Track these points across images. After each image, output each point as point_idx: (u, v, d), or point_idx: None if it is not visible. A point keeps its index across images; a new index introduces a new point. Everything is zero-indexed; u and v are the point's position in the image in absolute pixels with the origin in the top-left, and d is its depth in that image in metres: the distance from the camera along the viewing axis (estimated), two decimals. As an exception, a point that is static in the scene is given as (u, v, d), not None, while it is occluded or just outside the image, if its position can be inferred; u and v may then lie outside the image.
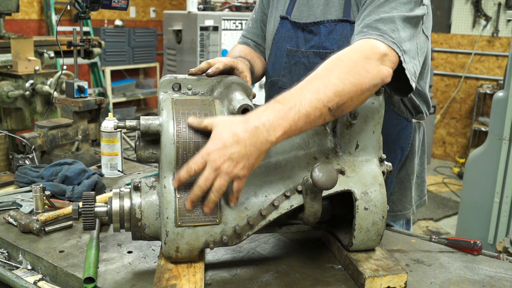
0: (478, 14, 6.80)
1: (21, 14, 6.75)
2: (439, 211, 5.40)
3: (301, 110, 1.09)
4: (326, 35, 1.60)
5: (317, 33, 1.62)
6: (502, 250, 2.92)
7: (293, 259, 1.35)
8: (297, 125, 1.10)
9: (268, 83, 1.81)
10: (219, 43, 5.35)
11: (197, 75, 1.35)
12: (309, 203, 1.19)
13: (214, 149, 1.08)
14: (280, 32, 1.73)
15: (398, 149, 1.72)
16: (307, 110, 1.10)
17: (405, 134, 1.71)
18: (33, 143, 1.94)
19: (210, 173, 1.09)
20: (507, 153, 3.40)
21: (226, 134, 1.09)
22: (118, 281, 1.21)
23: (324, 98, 1.11)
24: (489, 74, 6.94)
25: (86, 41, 2.09)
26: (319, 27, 1.62)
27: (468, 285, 1.26)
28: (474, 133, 6.93)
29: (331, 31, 1.59)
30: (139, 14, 8.60)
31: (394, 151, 1.71)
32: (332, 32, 1.59)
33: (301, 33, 1.67)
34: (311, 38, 1.64)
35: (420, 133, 1.79)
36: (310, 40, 1.64)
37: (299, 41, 1.67)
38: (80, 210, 1.21)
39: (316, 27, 1.62)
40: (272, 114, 1.09)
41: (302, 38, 1.66)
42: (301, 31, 1.67)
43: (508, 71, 3.42)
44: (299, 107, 1.09)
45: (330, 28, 1.59)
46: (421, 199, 1.89)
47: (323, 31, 1.61)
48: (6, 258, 1.39)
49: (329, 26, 1.60)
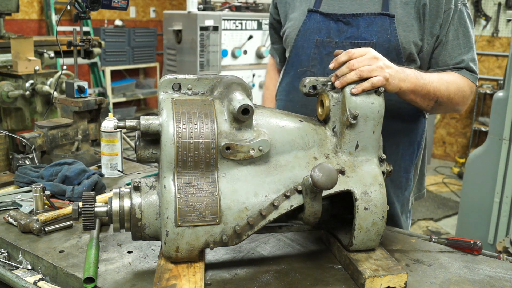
0: (478, 14, 6.80)
1: (21, 14, 6.74)
2: (439, 211, 5.40)
3: (426, 86, 1.52)
4: (366, 27, 1.67)
5: (354, 25, 1.68)
6: (502, 250, 2.92)
7: (293, 259, 1.35)
8: (418, 91, 1.50)
9: (292, 75, 1.84)
10: (219, 43, 5.35)
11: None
12: (309, 203, 1.19)
13: (376, 56, 1.37)
14: (308, 25, 1.76)
15: (415, 144, 1.80)
16: (429, 89, 1.52)
17: (421, 129, 1.81)
18: (33, 143, 1.94)
19: (370, 62, 1.34)
20: (507, 153, 3.40)
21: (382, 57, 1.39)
22: (118, 281, 1.21)
23: (442, 92, 1.57)
24: (489, 74, 6.94)
25: (86, 41, 2.09)
26: (358, 19, 1.68)
27: (468, 285, 1.26)
28: (474, 133, 6.93)
29: (371, 23, 1.66)
30: (139, 14, 8.60)
31: (412, 145, 1.79)
32: (371, 24, 1.66)
33: (334, 25, 1.72)
34: (346, 29, 1.70)
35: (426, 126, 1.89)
36: (345, 31, 1.70)
37: (332, 32, 1.72)
38: (80, 210, 1.21)
39: (354, 19, 1.69)
40: (413, 74, 1.48)
41: (335, 29, 1.72)
42: (334, 23, 1.72)
43: (508, 71, 3.42)
44: (428, 85, 1.52)
45: (369, 20, 1.67)
46: (420, 192, 1.96)
47: (362, 23, 1.67)
48: (6, 258, 1.39)
49: (368, 18, 1.67)
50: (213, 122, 1.19)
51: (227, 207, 1.17)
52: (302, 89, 1.33)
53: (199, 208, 1.15)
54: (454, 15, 1.65)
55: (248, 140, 1.20)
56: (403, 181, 1.79)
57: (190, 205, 1.15)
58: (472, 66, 1.69)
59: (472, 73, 1.69)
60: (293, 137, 1.26)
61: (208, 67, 5.34)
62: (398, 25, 1.64)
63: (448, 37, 1.67)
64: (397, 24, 1.64)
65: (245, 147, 1.19)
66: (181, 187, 1.15)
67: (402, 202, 1.80)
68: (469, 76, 1.68)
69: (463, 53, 1.68)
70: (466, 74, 1.68)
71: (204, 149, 1.17)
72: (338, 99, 1.29)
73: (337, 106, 1.29)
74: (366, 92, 1.26)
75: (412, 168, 1.81)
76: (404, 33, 1.64)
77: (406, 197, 1.82)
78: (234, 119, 1.20)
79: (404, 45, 1.64)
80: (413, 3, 1.64)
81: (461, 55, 1.68)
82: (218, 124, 1.19)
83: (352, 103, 1.25)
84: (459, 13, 1.66)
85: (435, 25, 1.65)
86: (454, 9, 1.65)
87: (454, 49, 1.68)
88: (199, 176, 1.18)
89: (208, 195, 1.17)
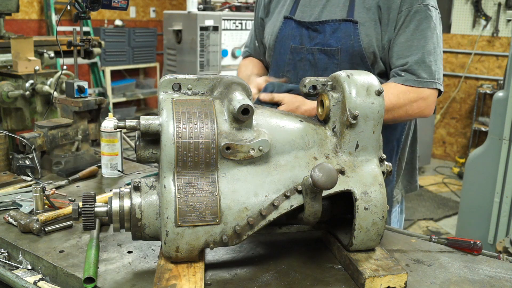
0: (478, 14, 6.80)
1: (21, 14, 6.74)
2: (439, 211, 5.41)
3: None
4: (331, 33, 1.71)
5: (321, 32, 1.74)
6: (502, 250, 2.92)
7: (293, 259, 1.35)
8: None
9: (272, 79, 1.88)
10: (219, 43, 5.35)
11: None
12: (309, 203, 1.19)
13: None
14: (284, 31, 1.83)
15: (394, 141, 1.82)
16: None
17: (400, 126, 1.82)
18: (33, 143, 1.94)
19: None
20: (507, 153, 3.40)
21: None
22: (118, 281, 1.21)
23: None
24: (489, 74, 6.94)
25: (86, 41, 2.09)
26: (324, 26, 1.73)
27: (468, 285, 1.26)
28: (474, 133, 6.93)
29: (335, 29, 1.71)
30: (139, 14, 8.60)
31: (390, 142, 1.80)
32: (336, 30, 1.71)
33: (305, 31, 1.78)
34: (315, 36, 1.75)
35: (412, 122, 1.90)
36: (314, 38, 1.76)
37: (304, 39, 1.78)
38: (80, 210, 1.21)
39: (321, 26, 1.74)
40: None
41: (306, 36, 1.78)
42: (306, 30, 1.78)
43: (508, 71, 3.42)
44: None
45: (335, 27, 1.71)
46: (411, 185, 1.99)
47: (328, 30, 1.72)
48: (6, 258, 1.39)
49: (333, 25, 1.71)
50: (213, 122, 1.19)
51: (227, 207, 1.17)
52: (302, 89, 1.34)
53: (199, 208, 1.15)
54: (408, 17, 1.65)
55: (248, 140, 1.20)
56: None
57: (190, 205, 1.15)
58: (416, 68, 1.63)
59: (417, 76, 1.63)
60: (293, 137, 1.26)
61: (208, 67, 5.35)
62: (361, 31, 1.67)
63: (399, 39, 1.66)
64: (360, 29, 1.67)
65: (245, 147, 1.19)
66: (181, 187, 1.15)
67: None
68: (411, 83, 1.63)
69: (411, 55, 1.64)
70: (408, 80, 1.64)
71: (204, 149, 1.17)
72: (338, 99, 1.29)
73: (337, 106, 1.29)
74: (366, 92, 1.26)
75: (393, 165, 1.83)
76: (367, 38, 1.67)
77: (388, 193, 1.84)
78: (234, 119, 1.20)
79: (368, 50, 1.68)
80: (375, 7, 1.67)
81: (407, 57, 1.65)
82: (218, 124, 1.19)
83: (352, 103, 1.25)
84: (415, 15, 1.64)
85: (389, 28, 1.67)
86: (409, 11, 1.65)
87: (402, 51, 1.66)
88: (199, 176, 1.18)
89: (208, 195, 1.17)
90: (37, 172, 1.92)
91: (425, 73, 1.64)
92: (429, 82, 1.65)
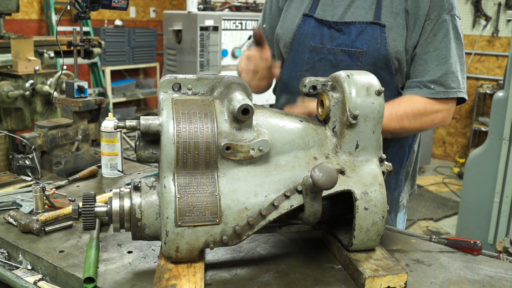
0: (478, 14, 6.80)
1: (21, 14, 6.74)
2: (439, 211, 5.41)
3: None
4: (357, 35, 1.67)
5: (346, 32, 1.69)
6: (502, 250, 2.92)
7: (293, 259, 1.35)
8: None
9: (287, 77, 1.85)
10: (219, 43, 5.35)
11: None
12: (309, 203, 1.19)
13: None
14: (303, 29, 1.77)
15: (407, 147, 1.80)
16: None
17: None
18: (33, 143, 1.94)
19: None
20: (507, 153, 3.40)
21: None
22: (118, 281, 1.21)
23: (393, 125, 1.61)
24: (489, 74, 6.94)
25: (86, 41, 2.09)
26: (349, 27, 1.69)
27: (468, 285, 1.26)
28: (474, 133, 6.93)
29: (362, 32, 1.67)
30: (139, 14, 8.60)
31: (403, 148, 1.79)
32: (362, 33, 1.67)
33: (327, 31, 1.73)
34: (338, 36, 1.71)
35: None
36: (337, 38, 1.71)
37: (324, 38, 1.73)
38: (80, 210, 1.21)
39: (346, 27, 1.69)
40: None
41: (328, 35, 1.73)
42: (328, 29, 1.73)
43: (508, 71, 3.42)
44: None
45: (361, 29, 1.67)
46: (412, 188, 1.97)
47: (354, 31, 1.68)
48: (6, 258, 1.39)
49: (360, 27, 1.67)
50: (213, 122, 1.19)
51: (227, 207, 1.17)
52: (302, 89, 1.34)
53: (199, 208, 1.15)
54: (436, 26, 1.63)
55: (248, 140, 1.20)
56: (393, 182, 1.81)
57: (190, 205, 1.15)
58: (445, 79, 1.63)
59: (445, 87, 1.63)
60: (293, 137, 1.26)
61: (208, 67, 5.35)
62: (389, 35, 1.64)
63: (428, 48, 1.65)
64: (388, 33, 1.64)
65: (245, 147, 1.19)
66: (181, 187, 1.15)
67: (391, 202, 1.82)
68: (441, 95, 1.63)
69: (440, 65, 1.64)
70: (438, 93, 1.63)
71: (204, 149, 1.17)
72: (338, 99, 1.29)
73: (337, 106, 1.29)
74: (366, 92, 1.26)
75: (402, 170, 1.82)
76: (394, 43, 1.64)
77: (395, 197, 1.84)
78: (234, 119, 1.20)
79: (394, 55, 1.65)
80: (403, 12, 1.64)
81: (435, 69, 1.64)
82: (218, 124, 1.19)
83: (352, 103, 1.25)
84: (443, 24, 1.63)
85: (414, 34, 1.65)
86: (437, 20, 1.63)
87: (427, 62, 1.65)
88: (199, 176, 1.18)
89: (208, 195, 1.17)
90: (37, 172, 1.92)
91: (454, 83, 1.64)
92: (456, 91, 1.65)
